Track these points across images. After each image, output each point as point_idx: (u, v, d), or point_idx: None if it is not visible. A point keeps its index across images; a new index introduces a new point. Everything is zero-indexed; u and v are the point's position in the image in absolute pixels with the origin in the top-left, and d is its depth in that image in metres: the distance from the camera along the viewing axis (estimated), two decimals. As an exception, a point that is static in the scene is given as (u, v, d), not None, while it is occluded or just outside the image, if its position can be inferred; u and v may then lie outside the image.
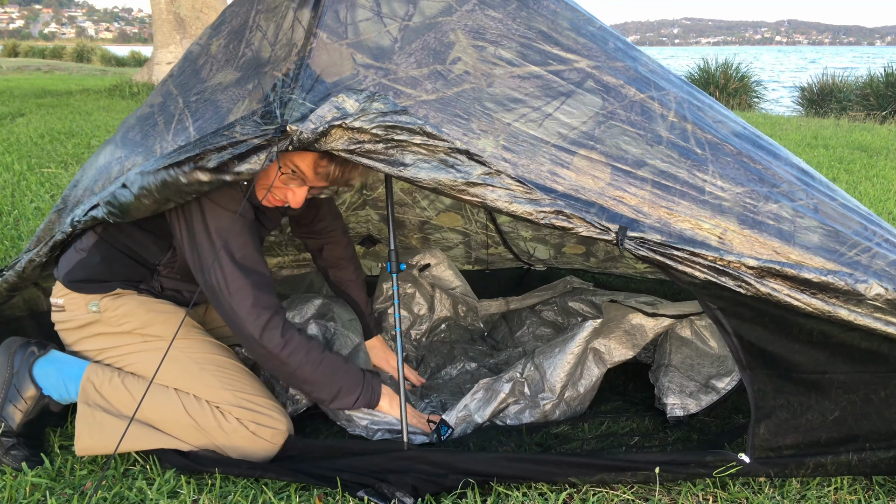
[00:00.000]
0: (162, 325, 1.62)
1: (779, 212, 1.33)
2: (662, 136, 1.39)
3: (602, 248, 2.69)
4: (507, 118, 1.35)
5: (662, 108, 1.44)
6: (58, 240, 1.60)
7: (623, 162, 1.34)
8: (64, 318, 1.65)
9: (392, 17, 1.41)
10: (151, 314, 1.63)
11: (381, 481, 1.42)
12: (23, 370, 1.63)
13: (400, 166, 1.29)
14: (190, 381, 1.58)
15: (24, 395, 1.61)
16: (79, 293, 1.62)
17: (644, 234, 1.28)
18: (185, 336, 1.62)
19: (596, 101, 1.40)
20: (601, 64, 1.46)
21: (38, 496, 1.45)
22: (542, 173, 1.31)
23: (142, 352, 1.61)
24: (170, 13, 9.31)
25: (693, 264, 1.28)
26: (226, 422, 1.55)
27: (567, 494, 1.46)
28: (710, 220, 1.30)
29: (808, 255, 1.27)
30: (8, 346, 1.66)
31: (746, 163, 1.40)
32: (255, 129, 1.27)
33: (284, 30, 1.42)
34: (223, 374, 1.60)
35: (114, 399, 1.57)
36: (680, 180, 1.34)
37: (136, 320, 1.62)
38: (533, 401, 1.80)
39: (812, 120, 9.04)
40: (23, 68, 17.57)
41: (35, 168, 4.62)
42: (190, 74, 1.58)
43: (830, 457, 1.41)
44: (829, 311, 1.26)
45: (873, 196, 4.25)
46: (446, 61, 1.38)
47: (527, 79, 1.40)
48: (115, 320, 1.61)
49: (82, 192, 1.62)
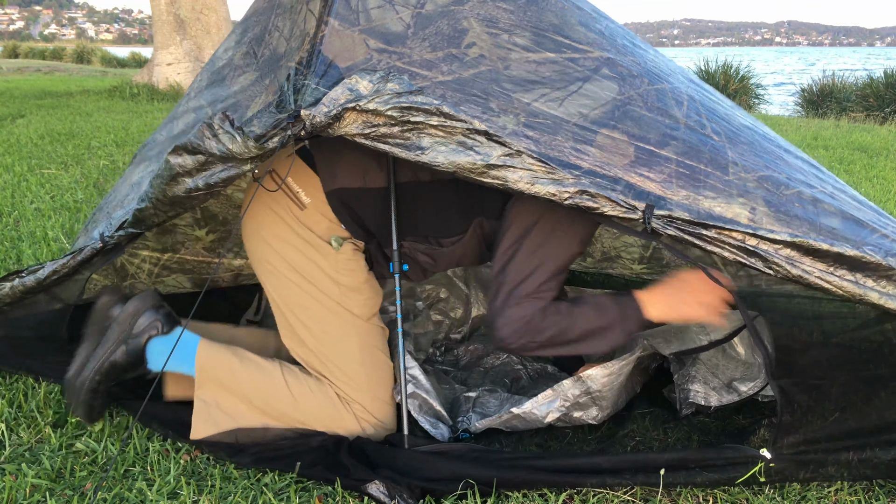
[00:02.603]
0: (363, 299, 1.64)
1: (800, 196, 1.30)
2: (680, 122, 1.37)
3: (598, 248, 2.69)
4: (525, 98, 1.32)
5: (676, 98, 1.43)
6: (87, 255, 1.57)
7: (646, 142, 1.31)
8: (293, 213, 1.59)
9: (404, 4, 1.40)
10: (366, 287, 1.64)
11: (387, 478, 1.42)
12: (139, 338, 1.62)
13: (417, 150, 1.25)
14: (342, 362, 1.61)
15: (130, 358, 1.61)
16: (338, 216, 1.61)
17: (672, 212, 1.23)
18: (369, 320, 1.66)
19: (613, 87, 1.38)
20: (613, 56, 1.45)
21: (38, 497, 1.45)
22: (566, 149, 1.27)
23: (326, 308, 1.60)
24: (170, 14, 9.30)
25: (722, 244, 1.23)
26: (333, 400, 1.60)
27: (567, 495, 1.46)
28: (739, 198, 1.26)
29: (835, 236, 1.25)
30: (141, 300, 1.63)
31: (762, 154, 1.39)
32: (270, 119, 1.25)
33: (298, 24, 1.42)
34: (373, 370, 1.63)
35: (229, 383, 1.60)
36: (704, 160, 1.31)
37: (354, 279, 1.62)
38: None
39: (812, 120, 9.04)
40: (23, 69, 17.57)
41: (35, 169, 4.62)
42: (217, 85, 1.57)
43: (832, 462, 1.40)
44: (861, 293, 1.22)
45: (874, 197, 4.25)
46: (461, 45, 1.36)
47: (543, 63, 1.38)
48: (340, 265, 1.61)
49: (113, 206, 1.62)
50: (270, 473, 1.51)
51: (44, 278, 1.65)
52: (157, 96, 9.14)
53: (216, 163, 1.31)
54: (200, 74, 1.65)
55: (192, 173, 1.34)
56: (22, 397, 1.80)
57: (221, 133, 1.25)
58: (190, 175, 1.34)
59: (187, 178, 1.34)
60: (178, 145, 1.32)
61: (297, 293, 1.61)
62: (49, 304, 1.78)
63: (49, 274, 1.64)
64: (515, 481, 1.45)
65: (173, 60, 9.50)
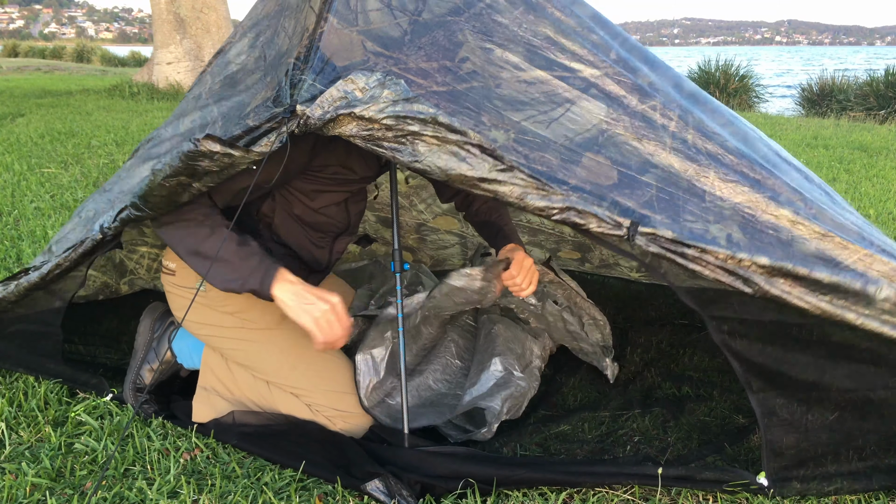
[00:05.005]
0: (259, 312, 1.67)
1: (776, 222, 1.31)
2: (667, 144, 1.38)
3: (597, 254, 2.69)
4: (515, 117, 1.33)
5: (664, 118, 1.43)
6: (87, 248, 1.58)
7: (627, 168, 1.33)
8: (173, 282, 1.70)
9: (402, 10, 1.41)
10: (251, 299, 1.66)
11: (391, 474, 1.43)
12: (162, 337, 1.85)
13: (410, 156, 1.27)
14: (278, 374, 1.67)
15: (160, 358, 1.83)
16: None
17: (656, 230, 1.25)
18: (279, 325, 1.67)
19: (601, 107, 1.40)
20: (605, 73, 1.46)
21: (39, 495, 1.45)
22: (554, 166, 1.29)
23: (239, 339, 1.67)
24: (170, 13, 9.30)
25: (703, 263, 1.25)
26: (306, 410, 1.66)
27: (567, 494, 1.46)
28: (715, 224, 1.28)
29: (813, 262, 1.26)
30: (151, 311, 1.88)
31: (745, 173, 1.39)
32: (266, 113, 1.27)
33: (300, 21, 1.42)
34: (308, 369, 1.67)
35: (227, 381, 1.72)
36: (682, 187, 1.33)
37: (236, 303, 1.66)
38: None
39: (812, 120, 9.04)
40: (23, 68, 17.57)
41: (35, 168, 4.62)
42: (229, 89, 1.58)
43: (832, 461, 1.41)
44: (839, 314, 1.24)
45: (873, 196, 4.25)
46: (455, 59, 1.37)
47: (533, 84, 1.39)
48: (218, 301, 1.66)
49: (114, 198, 1.62)
50: (271, 472, 1.52)
51: (46, 273, 1.66)
52: (157, 95, 9.15)
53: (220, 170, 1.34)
54: (211, 77, 1.65)
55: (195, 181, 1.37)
56: (22, 396, 1.80)
57: (219, 154, 1.28)
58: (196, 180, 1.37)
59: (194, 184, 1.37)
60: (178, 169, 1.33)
61: (218, 341, 1.70)
62: (47, 301, 1.79)
63: (52, 268, 1.65)
64: (515, 479, 1.45)
65: (173, 59, 9.50)
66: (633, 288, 2.77)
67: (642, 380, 2.04)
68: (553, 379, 2.08)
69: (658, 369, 2.10)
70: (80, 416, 1.72)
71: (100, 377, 1.85)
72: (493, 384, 1.83)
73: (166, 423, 1.71)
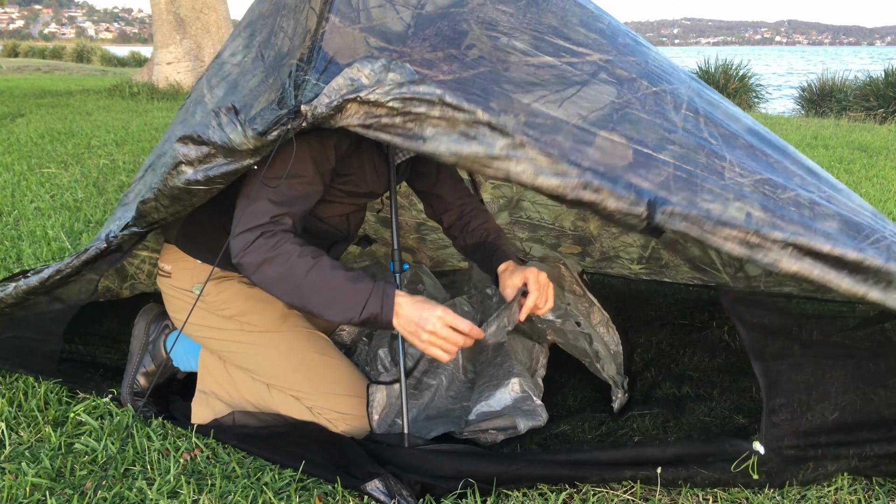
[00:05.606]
0: (259, 315, 1.67)
1: (797, 199, 1.30)
2: (678, 125, 1.37)
3: (598, 248, 2.68)
4: (525, 99, 1.31)
5: (675, 101, 1.43)
6: (91, 255, 1.58)
7: (643, 145, 1.31)
8: (170, 284, 1.70)
9: (404, 4, 1.40)
10: (250, 302, 1.67)
11: (390, 474, 1.43)
12: (157, 340, 1.84)
13: (419, 140, 1.25)
14: (280, 376, 1.66)
15: (156, 362, 1.81)
16: (189, 255, 1.67)
17: (675, 209, 1.23)
18: (279, 328, 1.67)
19: (611, 91, 1.38)
20: (613, 58, 1.45)
21: (39, 496, 1.45)
22: (566, 148, 1.27)
23: (239, 342, 1.67)
24: (170, 13, 9.30)
25: (727, 238, 1.23)
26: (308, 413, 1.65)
27: (567, 494, 1.46)
28: (735, 202, 1.26)
29: (834, 239, 1.25)
30: (146, 313, 1.86)
31: (758, 156, 1.38)
32: (272, 115, 1.26)
33: (301, 22, 1.42)
34: (310, 371, 1.66)
35: (226, 384, 1.71)
36: (700, 164, 1.31)
37: (235, 307, 1.66)
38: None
39: (812, 120, 9.04)
40: (23, 68, 17.57)
41: (35, 168, 4.62)
42: (231, 92, 1.58)
43: (831, 459, 1.41)
44: (863, 292, 1.23)
45: (873, 196, 4.25)
46: (461, 47, 1.36)
47: (542, 68, 1.37)
48: (217, 305, 1.66)
49: (121, 209, 1.63)
50: (270, 472, 1.52)
51: (47, 278, 1.65)
52: (157, 95, 9.15)
53: (218, 155, 1.33)
54: (210, 79, 1.65)
55: (194, 164, 1.36)
56: (22, 396, 1.81)
57: (225, 122, 1.28)
58: (192, 165, 1.36)
59: (188, 169, 1.36)
60: (184, 135, 1.35)
61: (218, 344, 1.70)
62: (50, 305, 1.79)
63: (52, 273, 1.64)
64: (515, 475, 1.45)
65: (173, 59, 9.50)
66: (633, 287, 2.76)
67: (642, 380, 2.04)
68: (553, 379, 2.08)
69: (658, 369, 2.10)
70: (80, 416, 1.72)
71: (100, 377, 1.85)
72: (508, 405, 1.79)
73: (166, 424, 1.71)
